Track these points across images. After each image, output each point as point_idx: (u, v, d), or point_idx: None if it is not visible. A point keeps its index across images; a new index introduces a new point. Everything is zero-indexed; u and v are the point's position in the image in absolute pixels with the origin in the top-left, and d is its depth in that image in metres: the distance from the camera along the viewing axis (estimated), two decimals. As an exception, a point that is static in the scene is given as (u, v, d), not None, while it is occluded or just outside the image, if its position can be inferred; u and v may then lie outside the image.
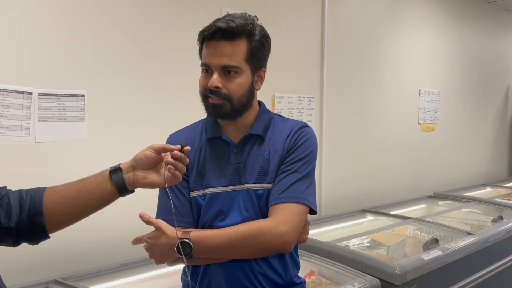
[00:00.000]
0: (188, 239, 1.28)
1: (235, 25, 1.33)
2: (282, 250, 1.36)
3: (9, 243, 1.16)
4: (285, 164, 1.41)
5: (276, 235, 1.31)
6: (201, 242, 1.30)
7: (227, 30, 1.33)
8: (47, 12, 2.07)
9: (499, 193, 4.58)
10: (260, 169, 1.41)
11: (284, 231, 1.31)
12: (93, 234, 2.22)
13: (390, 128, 4.04)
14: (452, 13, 4.72)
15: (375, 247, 2.83)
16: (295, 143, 1.43)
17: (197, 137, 1.48)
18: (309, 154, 1.43)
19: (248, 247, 1.32)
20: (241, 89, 1.37)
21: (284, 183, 1.38)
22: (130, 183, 1.21)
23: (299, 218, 1.36)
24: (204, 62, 1.38)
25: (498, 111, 5.59)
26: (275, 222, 1.32)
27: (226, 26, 1.33)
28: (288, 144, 1.43)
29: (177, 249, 1.28)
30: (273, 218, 1.34)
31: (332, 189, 3.49)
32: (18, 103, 1.97)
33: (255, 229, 1.31)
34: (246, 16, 1.39)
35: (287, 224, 1.32)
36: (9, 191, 1.18)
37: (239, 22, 1.34)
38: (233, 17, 1.36)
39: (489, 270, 2.96)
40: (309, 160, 1.43)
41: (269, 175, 1.41)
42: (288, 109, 3.14)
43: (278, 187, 1.38)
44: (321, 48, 3.38)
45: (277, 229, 1.31)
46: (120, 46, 2.31)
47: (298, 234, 1.37)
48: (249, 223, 1.34)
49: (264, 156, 1.42)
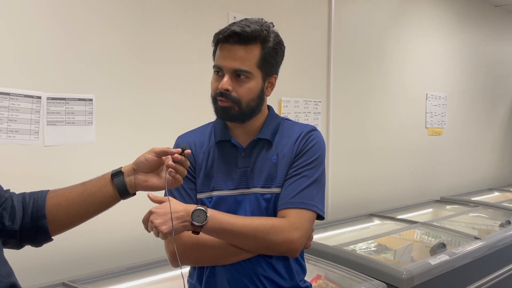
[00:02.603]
0: (205, 209, 1.28)
1: (250, 30, 1.34)
2: (288, 254, 1.37)
3: (13, 245, 1.18)
4: (293, 168, 1.41)
5: (287, 239, 1.32)
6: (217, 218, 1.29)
7: (241, 34, 1.34)
8: (56, 17, 2.09)
9: (507, 197, 4.55)
10: (267, 174, 1.42)
11: (296, 237, 1.33)
12: (100, 237, 2.23)
13: (397, 132, 4.04)
14: (459, 16, 4.71)
15: (382, 251, 2.82)
16: (304, 147, 1.43)
17: (206, 139, 1.49)
18: (317, 158, 1.43)
19: (257, 241, 1.33)
20: (251, 93, 1.38)
21: (295, 188, 1.38)
22: (131, 186, 1.22)
23: (309, 225, 1.38)
24: (217, 64, 1.39)
25: (505, 115, 5.57)
26: (289, 225, 1.33)
27: (241, 31, 1.34)
28: (296, 148, 1.43)
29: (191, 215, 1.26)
30: (287, 220, 1.34)
31: (339, 193, 3.49)
32: (27, 107, 1.99)
33: (270, 226, 1.32)
34: (262, 22, 1.40)
35: (300, 230, 1.34)
36: (13, 194, 1.19)
37: (254, 28, 1.35)
38: (249, 22, 1.37)
39: (496, 275, 2.94)
40: (318, 164, 1.43)
41: (277, 179, 1.41)
42: (295, 113, 3.14)
43: (288, 191, 1.38)
44: (328, 52, 3.39)
45: (290, 233, 1.32)
46: (128, 51, 2.32)
47: (306, 240, 1.39)
48: (264, 218, 1.35)
49: (272, 161, 1.43)
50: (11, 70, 1.97)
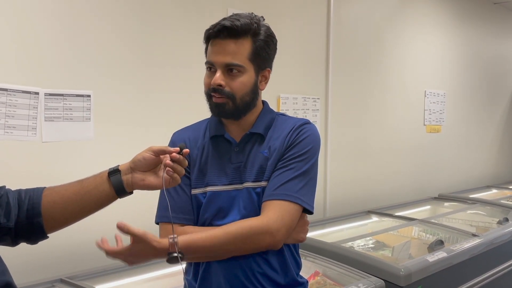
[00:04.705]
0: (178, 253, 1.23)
1: (240, 23, 1.34)
2: (271, 248, 1.35)
3: (8, 242, 1.16)
4: (282, 160, 1.39)
5: (266, 234, 1.30)
6: (192, 248, 1.28)
7: (231, 28, 1.33)
8: (54, 13, 2.08)
9: (505, 194, 4.56)
10: (259, 168, 1.41)
11: (274, 229, 1.30)
12: (99, 233, 2.22)
13: (396, 129, 4.04)
14: (458, 14, 4.71)
15: (380, 248, 2.82)
16: (295, 139, 1.41)
17: (201, 135, 1.48)
18: (308, 151, 1.40)
19: (240, 247, 1.32)
20: (244, 88, 1.37)
21: (279, 180, 1.36)
22: (128, 185, 1.21)
23: (291, 217, 1.35)
24: (208, 60, 1.39)
25: (504, 112, 5.57)
26: (266, 220, 1.31)
27: (231, 25, 1.33)
28: (287, 141, 1.41)
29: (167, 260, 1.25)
30: (264, 216, 1.33)
31: (337, 190, 3.49)
32: (25, 103, 1.99)
33: (247, 229, 1.30)
34: (252, 16, 1.39)
35: (278, 222, 1.31)
36: (8, 190, 1.18)
37: (244, 21, 1.35)
38: (239, 16, 1.37)
39: (494, 272, 2.95)
40: (308, 158, 1.40)
41: (266, 172, 1.40)
42: (293, 109, 3.14)
43: (272, 184, 1.37)
44: (327, 49, 3.38)
45: (268, 227, 1.30)
46: (126, 47, 2.32)
47: (289, 233, 1.36)
48: (240, 222, 1.33)
49: (263, 155, 1.42)
50: (9, 66, 1.97)
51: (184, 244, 1.26)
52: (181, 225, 1.40)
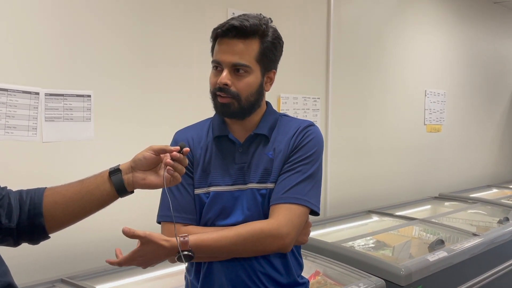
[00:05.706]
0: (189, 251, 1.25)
1: (248, 24, 1.34)
2: (281, 251, 1.36)
3: (10, 243, 1.17)
4: (288, 163, 1.40)
5: (277, 237, 1.31)
6: (202, 248, 1.29)
7: (240, 28, 1.33)
8: (54, 14, 2.08)
9: (505, 194, 4.56)
10: (264, 169, 1.41)
11: (284, 233, 1.32)
12: (99, 233, 2.23)
13: (396, 129, 4.04)
14: (458, 13, 4.71)
15: (380, 248, 2.82)
16: (300, 142, 1.42)
17: (204, 134, 1.48)
18: (313, 153, 1.42)
19: (250, 249, 1.33)
20: (250, 88, 1.38)
21: (287, 183, 1.37)
22: (129, 184, 1.21)
23: (300, 220, 1.36)
24: (215, 59, 1.38)
25: (504, 112, 5.57)
26: (276, 224, 1.32)
27: (240, 25, 1.33)
28: (292, 144, 1.42)
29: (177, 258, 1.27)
30: (274, 219, 1.34)
31: (337, 189, 3.49)
32: (25, 103, 1.99)
33: (258, 232, 1.31)
34: (261, 17, 1.39)
35: (288, 226, 1.33)
36: (10, 191, 1.18)
37: (253, 22, 1.35)
38: (248, 16, 1.37)
39: (494, 271, 2.95)
40: (313, 160, 1.41)
41: (272, 174, 1.40)
42: (294, 109, 3.14)
43: (280, 187, 1.38)
44: (327, 49, 3.38)
45: (279, 231, 1.31)
46: (127, 47, 2.32)
47: (297, 236, 1.38)
48: (250, 224, 1.34)
49: (268, 156, 1.42)
50: (9, 66, 1.97)
51: (194, 244, 1.27)
52: (183, 224, 1.40)
